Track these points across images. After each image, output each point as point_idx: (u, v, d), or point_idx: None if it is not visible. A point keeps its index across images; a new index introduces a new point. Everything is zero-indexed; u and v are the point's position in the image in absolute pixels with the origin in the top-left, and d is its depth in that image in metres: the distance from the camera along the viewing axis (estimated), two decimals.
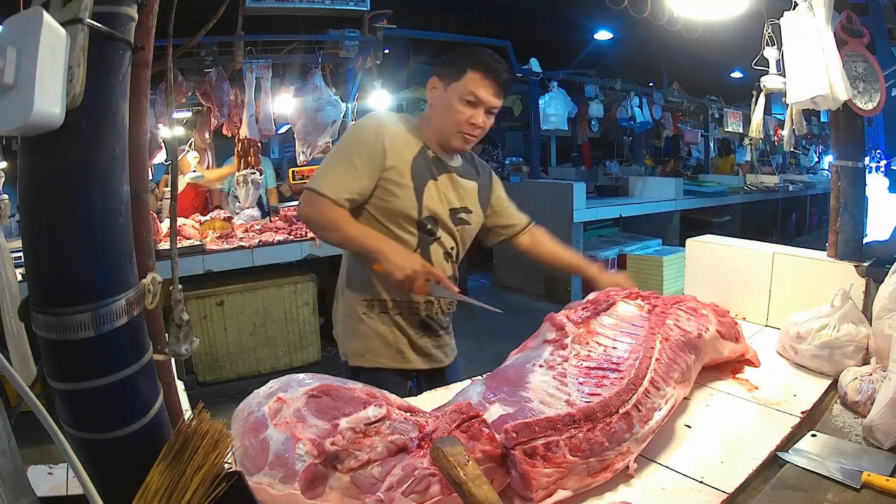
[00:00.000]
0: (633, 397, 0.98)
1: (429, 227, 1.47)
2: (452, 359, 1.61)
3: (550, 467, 0.85)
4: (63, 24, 0.59)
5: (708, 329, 1.27)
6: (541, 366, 1.13)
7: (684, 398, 1.22)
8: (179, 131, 4.15)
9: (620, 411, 0.95)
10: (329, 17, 3.83)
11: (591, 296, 1.42)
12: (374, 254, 1.33)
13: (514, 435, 0.87)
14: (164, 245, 2.97)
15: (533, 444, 0.86)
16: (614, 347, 1.19)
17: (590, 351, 1.18)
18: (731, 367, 1.37)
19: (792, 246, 1.73)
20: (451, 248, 1.54)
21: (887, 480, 0.89)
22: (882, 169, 2.55)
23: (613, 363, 1.13)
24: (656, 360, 1.08)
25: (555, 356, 1.15)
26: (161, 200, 4.11)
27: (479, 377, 1.20)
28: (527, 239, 1.74)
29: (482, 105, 1.43)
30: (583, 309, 1.33)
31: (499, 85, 1.43)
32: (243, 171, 4.14)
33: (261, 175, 4.21)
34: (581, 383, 1.07)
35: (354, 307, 1.49)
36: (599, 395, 1.01)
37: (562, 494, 0.87)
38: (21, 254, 0.66)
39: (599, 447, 0.90)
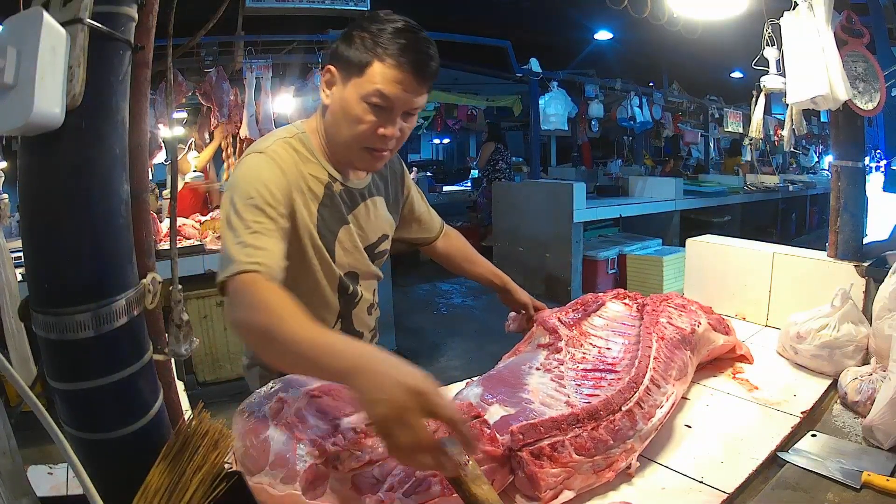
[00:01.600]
0: (635, 395, 0.99)
1: (350, 289, 1.16)
2: None
3: (557, 467, 0.86)
4: (63, 24, 0.59)
5: (700, 323, 1.28)
6: (537, 369, 1.14)
7: (685, 398, 1.22)
8: (179, 131, 4.15)
9: (623, 409, 0.96)
10: (329, 17, 3.83)
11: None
12: (342, 378, 0.72)
13: (521, 436, 0.87)
14: (164, 245, 2.97)
15: (539, 445, 0.87)
16: (608, 348, 1.20)
17: (584, 353, 1.19)
18: (730, 366, 1.37)
19: (792, 246, 1.73)
20: (373, 293, 1.26)
21: (887, 480, 0.89)
22: (882, 169, 2.55)
23: (609, 364, 1.14)
24: (654, 358, 1.09)
25: (550, 360, 1.16)
26: (161, 201, 4.10)
27: (473, 379, 1.20)
28: (441, 245, 1.44)
29: (396, 108, 1.01)
30: (573, 311, 1.34)
31: (421, 76, 0.99)
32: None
33: None
34: (579, 385, 1.08)
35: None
36: (598, 395, 1.01)
37: (568, 495, 0.87)
38: (21, 254, 0.66)
39: (604, 446, 0.91)
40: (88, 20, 0.61)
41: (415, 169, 7.95)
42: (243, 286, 0.86)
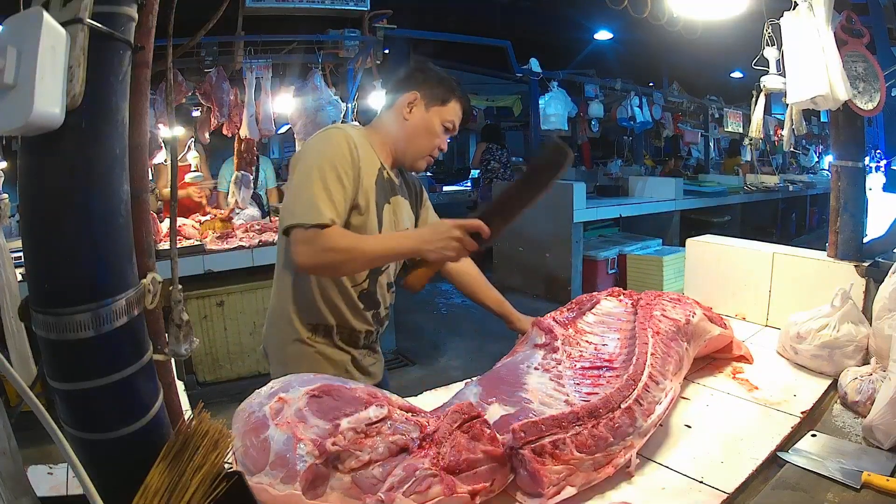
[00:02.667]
0: (634, 392, 0.99)
1: None
2: (382, 375, 1.57)
3: (559, 464, 0.87)
4: (63, 24, 0.59)
5: (695, 314, 1.28)
6: (536, 368, 1.14)
7: (684, 398, 1.22)
8: (180, 131, 4.14)
9: (622, 406, 0.96)
10: (329, 17, 3.83)
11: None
12: (413, 254, 1.25)
13: (522, 434, 0.88)
14: (164, 245, 2.97)
15: (541, 443, 0.87)
16: (604, 345, 1.21)
17: (581, 351, 1.19)
18: (730, 366, 1.37)
19: (792, 246, 1.73)
20: (393, 275, 1.47)
21: (887, 480, 0.89)
22: (882, 169, 2.55)
23: (606, 360, 1.14)
24: (651, 354, 1.09)
25: (548, 360, 1.16)
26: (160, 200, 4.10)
27: (472, 379, 1.20)
28: (453, 266, 1.60)
29: (452, 134, 1.43)
30: (568, 310, 1.34)
31: (466, 118, 1.46)
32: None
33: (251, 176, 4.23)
34: (578, 384, 1.08)
35: (299, 331, 1.38)
36: (597, 393, 1.02)
37: (570, 491, 0.88)
38: (21, 254, 0.66)
39: (604, 443, 0.91)
40: (88, 20, 0.61)
41: None
42: (322, 235, 1.18)
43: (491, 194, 5.90)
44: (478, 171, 6.64)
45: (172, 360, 0.79)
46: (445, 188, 7.23)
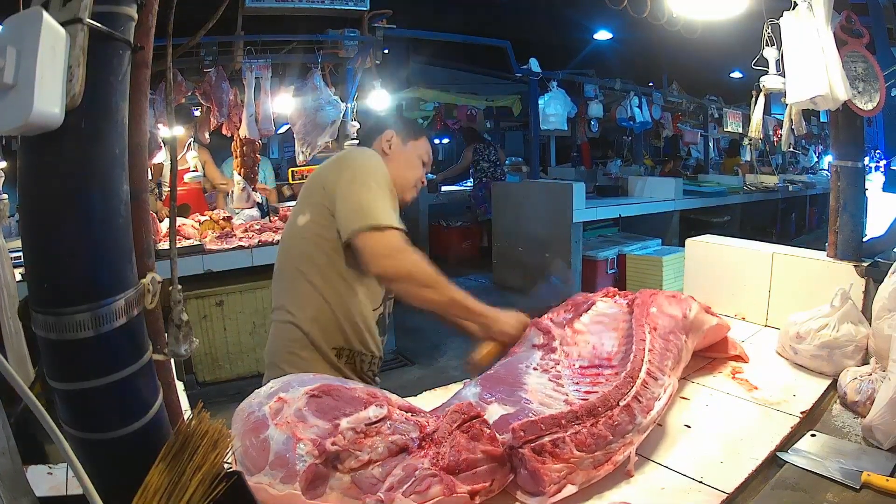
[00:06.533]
0: (633, 389, 0.99)
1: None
2: None
3: (559, 463, 0.87)
4: (63, 24, 0.59)
5: (692, 308, 1.28)
6: (534, 369, 1.14)
7: (684, 398, 1.22)
8: (179, 131, 4.14)
9: (621, 404, 0.96)
10: (329, 17, 3.83)
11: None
12: (482, 319, 1.29)
13: (522, 433, 0.88)
14: (164, 245, 2.96)
15: (540, 442, 0.87)
16: (602, 344, 1.21)
17: (579, 351, 1.20)
18: (730, 366, 1.37)
19: (792, 246, 1.73)
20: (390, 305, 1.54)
21: (887, 480, 0.89)
22: (882, 169, 2.55)
23: (604, 359, 1.14)
24: (649, 350, 1.09)
25: (546, 360, 1.16)
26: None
27: (471, 379, 1.20)
28: None
29: (427, 169, 1.54)
30: (564, 311, 1.34)
31: (433, 156, 1.59)
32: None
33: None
34: (576, 383, 1.08)
35: (324, 355, 1.35)
36: (596, 392, 1.02)
37: (570, 490, 0.88)
38: (21, 254, 0.66)
39: (604, 440, 0.91)
40: (88, 20, 0.60)
41: None
42: (403, 241, 1.24)
43: (483, 194, 5.92)
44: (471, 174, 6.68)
45: (172, 360, 0.78)
46: (445, 188, 7.23)
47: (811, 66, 1.35)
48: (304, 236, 1.37)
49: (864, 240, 1.56)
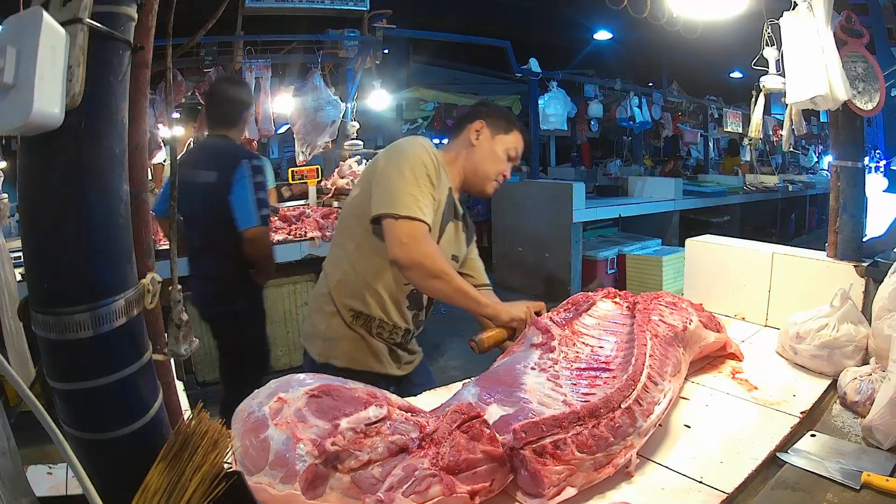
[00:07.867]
0: (634, 392, 0.99)
1: None
2: (421, 370, 1.65)
3: (560, 464, 0.86)
4: (63, 24, 0.59)
5: (691, 321, 1.29)
6: (532, 368, 1.14)
7: (684, 398, 1.22)
8: (179, 131, 4.14)
9: (623, 406, 0.96)
10: (328, 17, 3.83)
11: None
12: (490, 311, 1.37)
13: (524, 434, 0.87)
14: (164, 245, 2.96)
15: (542, 443, 0.87)
16: (601, 347, 1.21)
17: (577, 352, 1.19)
18: (729, 366, 1.37)
19: (791, 246, 1.73)
20: None
21: (887, 480, 0.89)
22: (881, 169, 2.55)
23: (602, 362, 1.14)
24: (650, 356, 1.09)
25: (544, 359, 1.16)
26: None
27: (470, 379, 1.20)
28: None
29: (514, 163, 1.57)
30: (564, 311, 1.34)
31: (528, 150, 1.64)
32: None
33: None
34: (575, 384, 1.08)
35: (341, 314, 1.47)
36: (594, 394, 1.01)
37: (570, 492, 0.87)
38: (21, 254, 0.66)
39: (605, 443, 0.91)
40: (88, 20, 0.60)
41: None
42: (421, 231, 1.30)
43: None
44: None
45: (172, 359, 0.79)
46: None
47: (811, 66, 1.35)
48: (351, 208, 1.50)
49: (864, 240, 1.56)
